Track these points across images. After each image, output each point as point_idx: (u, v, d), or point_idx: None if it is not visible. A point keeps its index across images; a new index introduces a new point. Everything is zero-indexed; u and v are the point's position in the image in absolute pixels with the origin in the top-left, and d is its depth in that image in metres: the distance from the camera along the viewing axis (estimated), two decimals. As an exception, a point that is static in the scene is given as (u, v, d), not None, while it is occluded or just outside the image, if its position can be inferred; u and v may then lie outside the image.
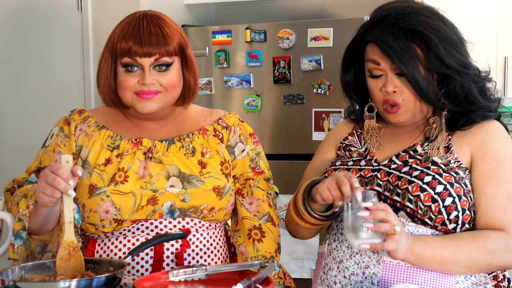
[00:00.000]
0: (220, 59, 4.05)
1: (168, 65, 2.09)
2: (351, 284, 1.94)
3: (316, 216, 1.96)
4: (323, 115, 3.85)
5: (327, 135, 2.22)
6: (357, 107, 2.14)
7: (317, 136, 3.87)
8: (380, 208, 1.78)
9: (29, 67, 4.27)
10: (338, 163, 2.07)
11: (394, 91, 1.96)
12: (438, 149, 1.98)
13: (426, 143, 2.00)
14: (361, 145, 2.10)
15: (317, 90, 3.85)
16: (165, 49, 2.07)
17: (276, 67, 3.93)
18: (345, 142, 2.13)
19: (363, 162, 2.04)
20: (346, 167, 2.04)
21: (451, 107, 1.97)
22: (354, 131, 2.14)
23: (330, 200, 1.88)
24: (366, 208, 1.77)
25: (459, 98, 1.97)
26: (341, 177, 1.85)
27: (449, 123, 2.00)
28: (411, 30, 1.92)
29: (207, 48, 4.09)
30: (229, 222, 2.30)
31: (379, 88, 1.98)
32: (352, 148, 2.10)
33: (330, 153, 2.16)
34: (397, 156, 2.01)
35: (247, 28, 4.00)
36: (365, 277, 1.92)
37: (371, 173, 2.00)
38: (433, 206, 1.89)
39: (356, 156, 2.07)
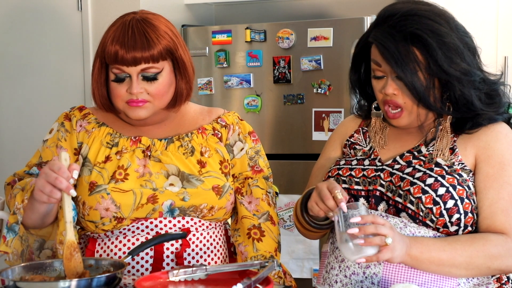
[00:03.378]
0: (220, 59, 4.04)
1: (155, 74, 2.09)
2: (351, 284, 1.94)
3: (317, 226, 1.98)
4: (323, 115, 3.85)
5: (333, 132, 2.21)
6: (365, 103, 2.13)
7: (317, 136, 3.87)
8: (369, 221, 1.77)
9: (29, 67, 4.27)
10: (342, 162, 2.07)
11: (394, 94, 1.94)
12: (442, 151, 1.97)
13: (431, 144, 1.99)
14: (366, 143, 2.09)
15: (317, 90, 3.85)
16: (150, 54, 2.06)
17: (276, 67, 3.92)
18: (351, 139, 2.12)
19: (366, 162, 2.03)
20: (350, 166, 2.04)
21: (453, 113, 1.95)
22: (360, 129, 2.13)
23: (321, 215, 1.88)
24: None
25: (459, 105, 1.94)
26: (323, 190, 1.85)
27: (456, 125, 1.98)
28: (411, 34, 1.89)
29: (207, 48, 4.08)
30: (229, 221, 2.30)
31: (380, 89, 1.97)
32: (357, 146, 2.09)
33: (336, 151, 2.15)
34: (401, 156, 2.00)
35: (247, 28, 3.99)
36: (366, 277, 1.92)
37: (374, 173, 1.99)
38: (434, 209, 1.88)
39: (361, 155, 2.06)
